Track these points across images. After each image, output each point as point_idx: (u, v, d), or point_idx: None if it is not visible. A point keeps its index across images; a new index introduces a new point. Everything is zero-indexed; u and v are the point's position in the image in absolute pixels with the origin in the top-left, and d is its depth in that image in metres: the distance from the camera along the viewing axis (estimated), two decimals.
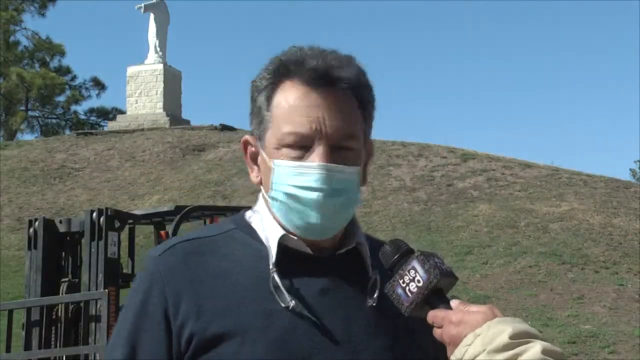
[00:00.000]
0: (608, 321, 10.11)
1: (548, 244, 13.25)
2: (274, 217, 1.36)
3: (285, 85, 1.33)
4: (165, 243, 1.39)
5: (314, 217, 1.31)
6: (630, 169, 38.19)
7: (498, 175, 17.32)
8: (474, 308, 1.21)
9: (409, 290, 1.24)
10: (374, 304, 1.34)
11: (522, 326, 1.17)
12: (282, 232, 1.34)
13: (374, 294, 1.34)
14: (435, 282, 1.23)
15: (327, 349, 1.29)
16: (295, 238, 1.34)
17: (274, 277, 1.30)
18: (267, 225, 1.37)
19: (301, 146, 1.30)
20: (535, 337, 1.16)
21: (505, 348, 1.13)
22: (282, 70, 1.34)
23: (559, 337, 9.46)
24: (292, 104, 1.31)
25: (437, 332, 1.23)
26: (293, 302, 1.29)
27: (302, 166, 1.30)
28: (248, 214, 1.43)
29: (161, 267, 1.33)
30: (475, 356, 1.14)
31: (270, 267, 1.31)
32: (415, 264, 1.25)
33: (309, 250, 1.35)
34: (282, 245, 1.33)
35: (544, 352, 1.13)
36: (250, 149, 1.40)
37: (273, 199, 1.34)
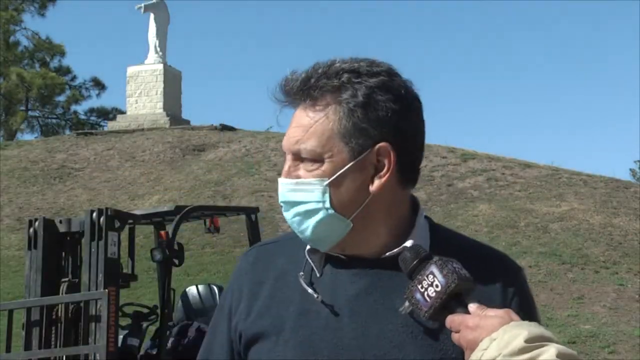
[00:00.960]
0: (608, 321, 10.12)
1: (548, 244, 13.26)
2: None
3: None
4: (251, 246, 1.56)
5: (300, 230, 1.36)
6: (630, 169, 38.18)
7: (498, 175, 17.33)
8: (491, 312, 1.22)
9: (428, 295, 1.26)
10: (403, 312, 1.32)
11: (538, 330, 1.17)
12: None
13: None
14: (453, 287, 1.24)
15: (353, 351, 1.31)
16: None
17: (309, 280, 1.37)
18: None
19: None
20: (551, 341, 1.16)
21: (520, 352, 1.14)
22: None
23: (559, 337, 9.46)
24: None
25: (454, 336, 1.24)
26: (326, 305, 1.34)
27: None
28: None
29: (237, 268, 1.48)
30: None
31: (301, 273, 1.38)
32: (434, 268, 1.26)
33: (340, 255, 1.38)
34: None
35: (559, 355, 1.14)
36: None
37: None
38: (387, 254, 1.37)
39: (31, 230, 6.45)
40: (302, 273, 1.37)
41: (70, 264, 6.56)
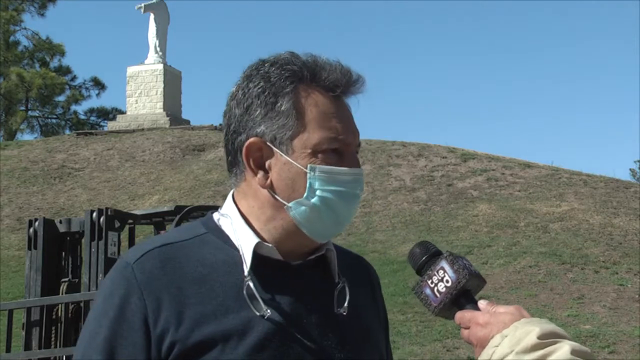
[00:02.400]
0: (608, 321, 10.10)
1: (548, 244, 13.25)
2: (247, 223, 1.37)
3: (311, 91, 1.35)
4: (138, 248, 1.36)
5: (341, 222, 1.35)
6: (630, 169, 38.26)
7: (498, 175, 17.32)
8: (501, 309, 1.22)
9: (437, 290, 1.25)
10: (344, 312, 1.37)
11: (550, 326, 1.17)
12: (257, 239, 1.35)
13: (343, 302, 1.37)
14: (464, 283, 1.23)
15: (302, 355, 1.31)
16: (270, 245, 1.35)
17: (248, 285, 1.31)
18: (239, 230, 1.36)
19: (336, 153, 1.33)
20: (563, 338, 1.15)
21: (533, 349, 1.13)
22: (305, 75, 1.35)
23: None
24: (325, 111, 1.34)
25: (464, 333, 1.23)
26: (269, 310, 1.30)
27: (344, 172, 1.33)
28: (216, 217, 1.43)
29: (138, 273, 1.30)
30: (503, 357, 1.14)
31: (245, 274, 1.32)
32: (444, 264, 1.25)
33: (280, 257, 1.36)
34: (254, 252, 1.34)
35: (573, 352, 1.12)
36: (256, 154, 1.35)
37: (301, 204, 1.33)
38: (312, 256, 1.39)
39: (31, 230, 6.45)
40: (247, 277, 1.31)
41: (70, 264, 6.56)
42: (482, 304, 1.23)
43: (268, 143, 1.34)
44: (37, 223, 6.45)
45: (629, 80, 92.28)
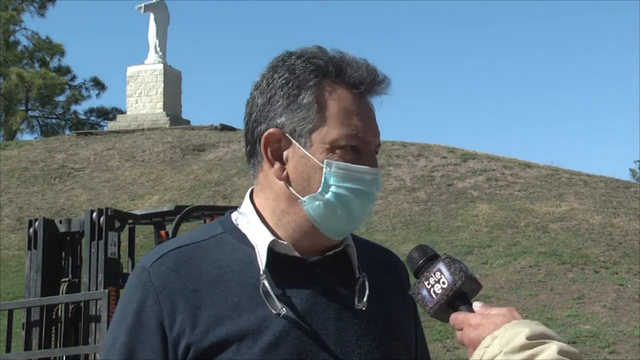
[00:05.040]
0: (608, 321, 10.11)
1: (548, 244, 13.25)
2: (263, 221, 1.37)
3: (334, 86, 1.34)
4: (155, 251, 1.37)
5: (355, 220, 1.35)
6: (630, 169, 38.25)
7: (498, 175, 17.32)
8: (494, 311, 1.24)
9: (434, 291, 1.27)
10: (363, 307, 1.36)
11: (539, 328, 1.19)
12: (271, 237, 1.34)
13: (363, 297, 1.36)
14: (460, 284, 1.25)
15: (319, 351, 1.31)
16: (285, 243, 1.35)
17: (264, 284, 1.30)
18: (254, 229, 1.36)
19: (354, 150, 1.33)
20: (552, 339, 1.17)
21: (521, 349, 1.15)
22: (330, 71, 1.34)
23: (559, 337, 9.42)
24: (347, 108, 1.33)
25: (458, 334, 1.25)
26: (284, 309, 1.29)
27: (361, 171, 1.33)
28: (234, 216, 1.42)
29: (153, 277, 1.31)
30: (493, 357, 1.16)
31: (261, 273, 1.31)
32: (441, 266, 1.27)
33: (297, 254, 1.35)
34: (270, 249, 1.34)
35: (560, 352, 1.14)
36: (275, 145, 1.35)
37: (315, 199, 1.32)
38: (329, 252, 1.38)
39: (31, 230, 6.45)
40: (262, 276, 1.31)
41: (70, 264, 6.56)
42: (476, 306, 1.25)
43: (287, 135, 1.33)
44: (37, 223, 6.46)
45: (629, 80, 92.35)
